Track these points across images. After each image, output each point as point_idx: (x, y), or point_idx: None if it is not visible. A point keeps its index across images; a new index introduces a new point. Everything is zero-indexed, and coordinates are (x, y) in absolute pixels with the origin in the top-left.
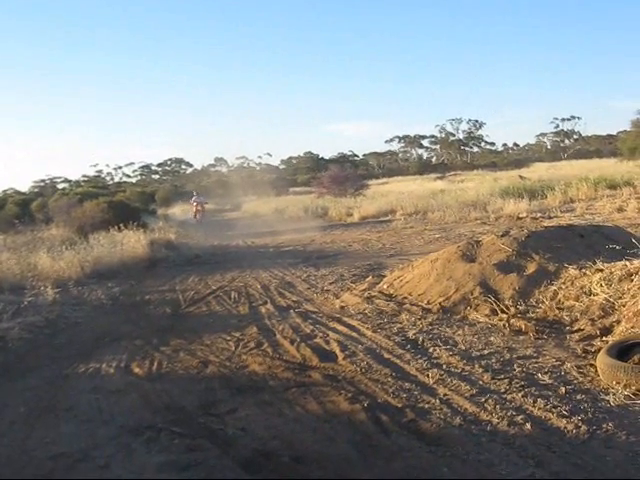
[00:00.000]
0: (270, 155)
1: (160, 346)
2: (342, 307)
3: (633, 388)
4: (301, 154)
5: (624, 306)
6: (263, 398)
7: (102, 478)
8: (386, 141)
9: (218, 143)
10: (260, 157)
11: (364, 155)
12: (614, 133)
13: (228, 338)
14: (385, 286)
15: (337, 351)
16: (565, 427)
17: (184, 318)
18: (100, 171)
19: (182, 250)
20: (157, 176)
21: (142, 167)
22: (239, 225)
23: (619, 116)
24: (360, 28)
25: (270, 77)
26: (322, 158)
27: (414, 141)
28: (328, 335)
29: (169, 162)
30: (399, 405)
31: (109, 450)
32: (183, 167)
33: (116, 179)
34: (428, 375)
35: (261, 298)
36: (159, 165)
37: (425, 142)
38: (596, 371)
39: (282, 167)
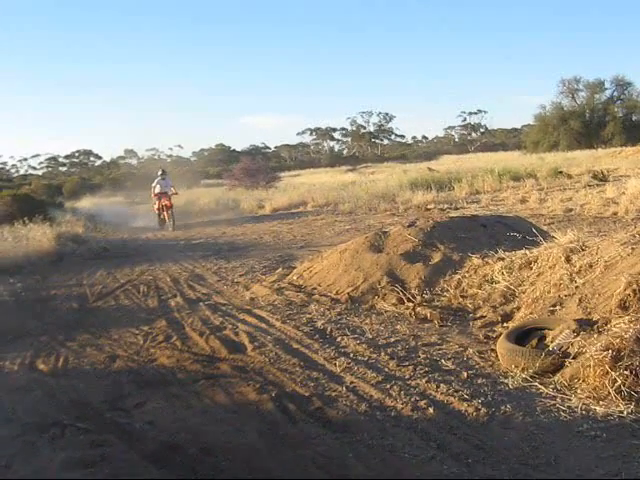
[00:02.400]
0: (181, 147)
1: (66, 342)
2: (252, 299)
3: (530, 371)
4: (213, 146)
5: (524, 293)
6: (171, 391)
7: (3, 479)
8: (298, 133)
9: (128, 135)
10: (171, 149)
11: (276, 147)
12: (519, 127)
13: (136, 332)
14: (295, 277)
15: (246, 342)
16: (466, 410)
17: (91, 313)
18: (4, 163)
19: (90, 244)
20: (65, 168)
21: (49, 159)
22: (149, 218)
23: (523, 110)
24: (274, 20)
25: (183, 69)
26: (234, 150)
27: (326, 133)
28: (237, 327)
29: (77, 154)
30: (307, 394)
31: (11, 449)
32: (92, 159)
33: (21, 171)
34: (336, 364)
35: (170, 291)
36: (67, 157)
37: (337, 134)
38: (497, 356)
39: (194, 159)
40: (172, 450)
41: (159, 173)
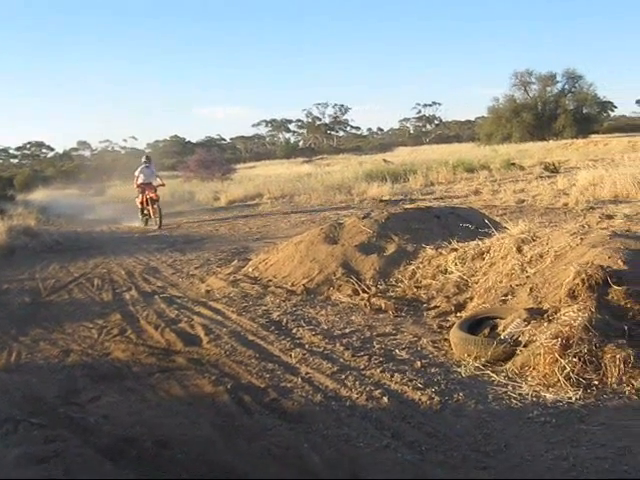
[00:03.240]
0: (136, 139)
1: (19, 336)
2: (208, 291)
3: (483, 360)
4: (168, 137)
5: (476, 283)
6: (126, 385)
7: None
8: (253, 125)
9: (81, 127)
10: (125, 141)
11: (231, 139)
12: (472, 119)
13: (91, 326)
14: (250, 269)
15: (202, 335)
16: (420, 399)
17: (45, 307)
18: None
19: (43, 237)
20: (16, 160)
21: None
22: (103, 210)
23: (477, 103)
24: (228, 11)
25: (136, 59)
26: (189, 142)
27: (281, 125)
28: (193, 319)
29: (28, 145)
30: (262, 385)
31: None
32: (44, 151)
33: None
34: (291, 355)
35: (125, 284)
36: (18, 149)
37: (292, 126)
38: (450, 345)
39: (148, 151)
40: (127, 444)
41: (143, 160)
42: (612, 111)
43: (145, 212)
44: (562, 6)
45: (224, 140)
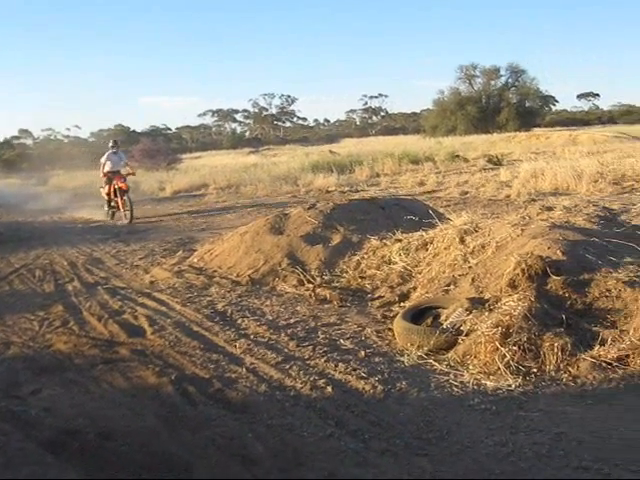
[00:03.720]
0: (79, 128)
1: None
2: (152, 282)
3: (425, 349)
4: (112, 127)
5: (420, 273)
6: (68, 377)
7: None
8: (199, 115)
9: (24, 114)
10: (69, 129)
11: (177, 129)
12: (418, 111)
13: (32, 318)
14: (196, 260)
15: (146, 326)
16: (363, 388)
17: None
18: None
19: None
20: None
21: None
22: (45, 200)
23: (423, 95)
24: (175, 3)
25: (81, 48)
26: (134, 131)
27: (227, 115)
28: (137, 310)
29: None
30: (206, 376)
31: None
32: None
33: None
34: (236, 346)
35: (68, 275)
36: None
37: (238, 116)
38: (393, 335)
39: (92, 140)
40: (69, 436)
41: (110, 145)
42: (554, 105)
43: (112, 204)
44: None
45: (170, 130)
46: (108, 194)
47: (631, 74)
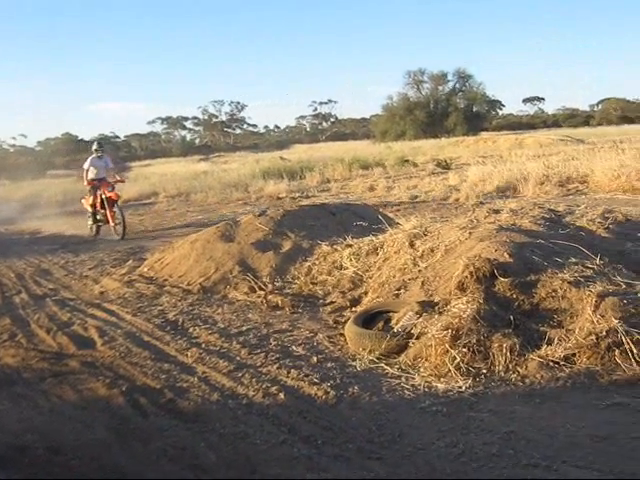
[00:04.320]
0: (25, 137)
1: None
2: (102, 292)
3: (377, 353)
4: (59, 135)
5: (371, 278)
6: (16, 391)
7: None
8: (148, 122)
9: None
10: (14, 138)
11: (126, 137)
12: (367, 117)
13: None
14: (146, 269)
15: (95, 337)
16: (316, 394)
17: None
18: None
19: None
20: None
21: None
22: None
23: (372, 101)
24: (123, 9)
25: (25, 53)
26: (82, 139)
27: (177, 122)
28: (87, 322)
29: None
30: (158, 386)
31: None
32: None
33: None
34: (187, 355)
35: (15, 287)
36: None
37: (188, 124)
38: (345, 340)
39: (39, 149)
40: (19, 452)
41: (93, 148)
42: (500, 109)
43: (98, 217)
44: (453, 7)
45: (118, 138)
46: (93, 205)
47: (575, 78)
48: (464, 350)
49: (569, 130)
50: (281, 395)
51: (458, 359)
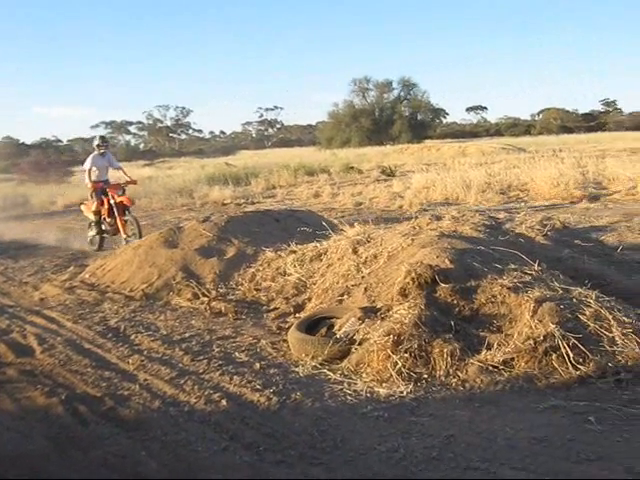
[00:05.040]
0: None
1: None
2: (42, 299)
3: (320, 359)
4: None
5: (314, 284)
6: None
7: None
8: (92, 126)
9: None
10: None
11: (69, 141)
12: (313, 123)
13: None
14: (87, 275)
15: (35, 345)
16: (258, 400)
17: None
18: None
19: None
20: None
21: None
22: None
23: (318, 108)
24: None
25: None
26: (23, 143)
27: (121, 127)
28: (26, 329)
29: None
30: (98, 394)
31: None
32: None
33: None
34: (129, 362)
35: None
36: None
37: (133, 128)
38: (289, 346)
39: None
40: None
41: (95, 143)
42: (444, 118)
43: (104, 227)
44: (399, 17)
45: (61, 142)
46: (97, 212)
47: (517, 88)
48: (406, 355)
49: (511, 139)
50: (223, 402)
51: (400, 364)
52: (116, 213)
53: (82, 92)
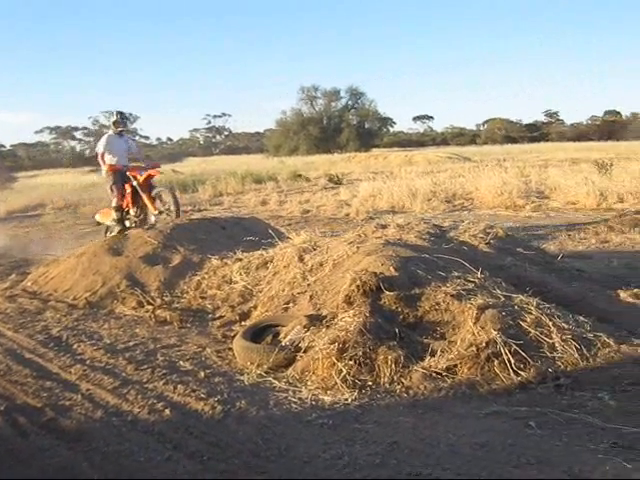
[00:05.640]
0: None
1: None
2: None
3: (265, 367)
4: None
5: (261, 292)
6: None
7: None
8: (36, 132)
9: None
10: None
11: (12, 146)
12: (261, 131)
13: None
14: (29, 283)
15: None
16: (202, 409)
17: None
18: None
19: None
20: None
21: None
22: None
23: (266, 115)
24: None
25: None
26: None
27: (66, 133)
28: None
29: None
30: (39, 405)
31: None
32: None
33: None
34: (71, 372)
35: None
36: None
37: (78, 134)
38: (234, 354)
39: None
40: None
41: (112, 120)
42: (391, 127)
43: (128, 224)
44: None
45: (4, 147)
46: (119, 209)
47: (462, 98)
48: (350, 363)
49: (457, 148)
50: (167, 411)
51: (344, 372)
52: (141, 193)
53: (26, 97)
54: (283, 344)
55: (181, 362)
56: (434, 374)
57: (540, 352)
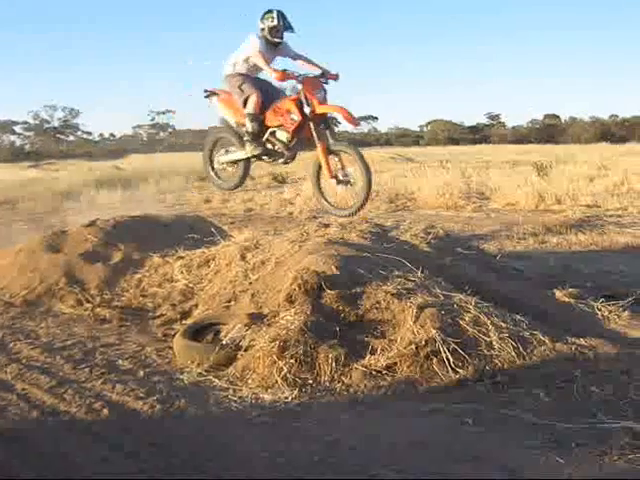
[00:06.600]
0: None
1: None
2: None
3: (205, 365)
4: None
5: (202, 290)
6: None
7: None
8: None
9: None
10: None
11: None
12: (206, 128)
13: None
14: None
15: None
16: (141, 408)
17: None
18: None
19: None
20: None
21: None
22: None
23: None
24: None
25: None
26: None
27: (5, 127)
28: None
29: None
30: None
31: None
32: None
33: None
34: (6, 371)
35: None
36: None
37: (18, 128)
38: (174, 353)
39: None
40: None
41: (269, 24)
42: (336, 126)
43: (270, 146)
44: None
45: None
46: (254, 115)
47: (407, 99)
48: (291, 361)
49: (400, 149)
50: (105, 411)
51: (285, 370)
52: (315, 134)
53: None
54: (224, 342)
55: (120, 361)
56: (374, 372)
57: (478, 350)
